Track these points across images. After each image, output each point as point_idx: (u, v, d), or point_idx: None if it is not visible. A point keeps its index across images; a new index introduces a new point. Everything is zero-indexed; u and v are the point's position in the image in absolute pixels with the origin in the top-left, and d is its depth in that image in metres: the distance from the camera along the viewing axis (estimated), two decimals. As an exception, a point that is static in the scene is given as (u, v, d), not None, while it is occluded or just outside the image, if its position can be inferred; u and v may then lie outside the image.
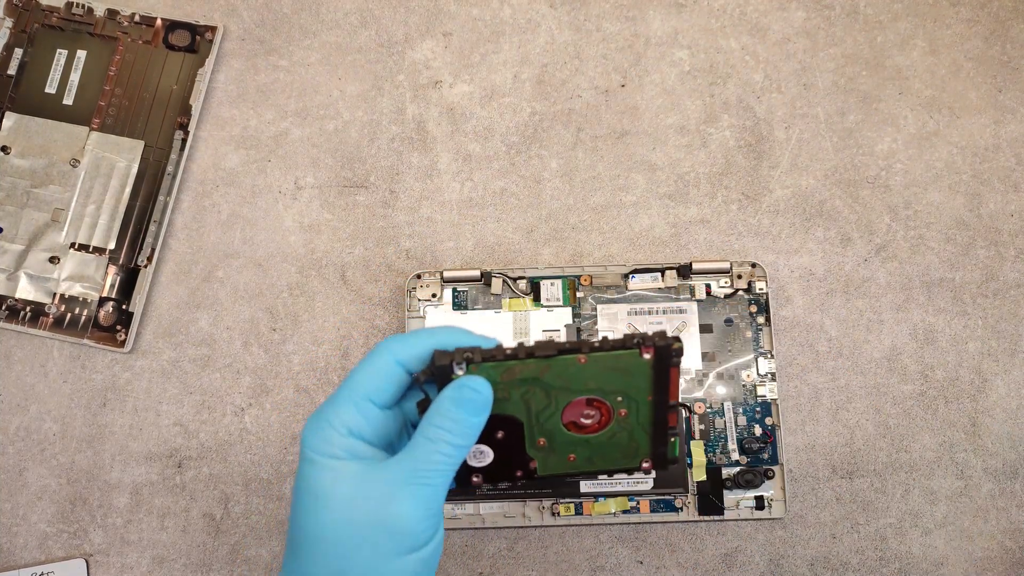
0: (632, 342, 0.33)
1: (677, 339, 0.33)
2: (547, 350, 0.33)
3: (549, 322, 0.51)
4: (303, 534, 0.31)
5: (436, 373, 0.32)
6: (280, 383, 0.53)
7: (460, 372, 0.32)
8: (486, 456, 0.34)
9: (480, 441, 0.34)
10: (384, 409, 0.33)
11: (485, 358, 0.32)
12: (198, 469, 0.52)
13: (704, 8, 0.56)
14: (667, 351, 0.33)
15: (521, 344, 0.33)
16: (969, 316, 0.53)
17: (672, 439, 0.35)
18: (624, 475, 0.36)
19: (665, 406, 0.34)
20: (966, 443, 0.52)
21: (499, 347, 0.33)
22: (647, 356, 0.33)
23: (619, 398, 0.34)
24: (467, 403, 0.31)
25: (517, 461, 0.35)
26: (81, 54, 0.55)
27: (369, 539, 0.30)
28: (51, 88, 0.55)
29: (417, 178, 0.55)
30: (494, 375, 0.33)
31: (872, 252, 0.54)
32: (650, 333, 0.33)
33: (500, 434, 0.34)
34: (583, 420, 0.34)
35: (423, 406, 0.33)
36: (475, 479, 0.35)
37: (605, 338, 0.33)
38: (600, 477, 0.50)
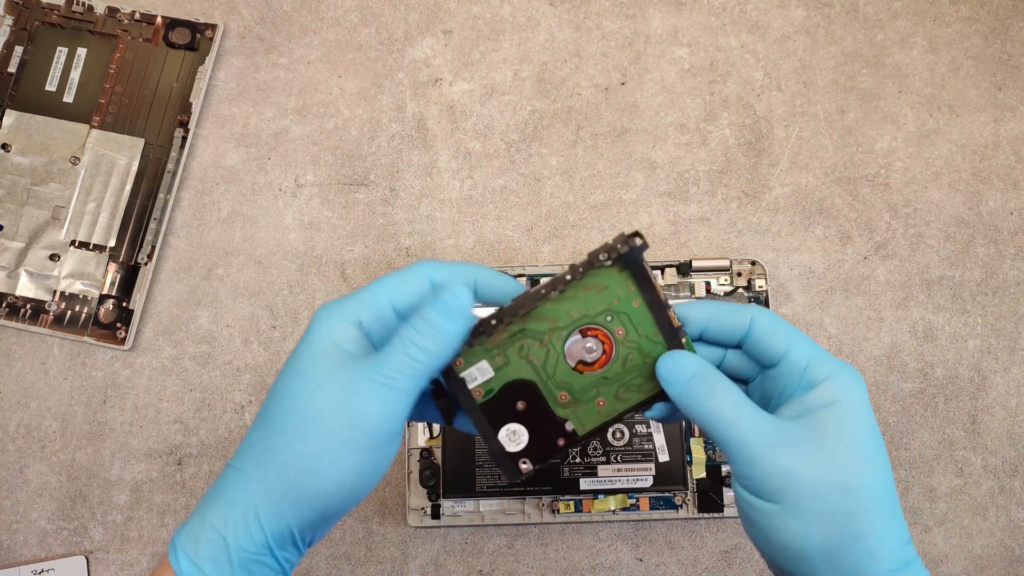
0: (598, 259, 0.32)
1: (637, 234, 0.32)
2: (526, 307, 0.33)
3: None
4: (273, 405, 0.31)
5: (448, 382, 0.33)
6: (280, 380, 0.53)
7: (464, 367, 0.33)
8: (521, 436, 0.34)
9: (506, 420, 0.34)
10: (399, 319, 0.32)
11: (471, 344, 0.33)
12: (198, 466, 0.52)
13: (704, 6, 0.56)
14: (633, 254, 0.32)
15: (501, 309, 0.33)
16: (969, 314, 0.53)
17: (684, 337, 0.34)
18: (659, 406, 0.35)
19: (659, 304, 0.33)
20: (965, 441, 0.52)
21: (481, 321, 0.33)
22: (607, 262, 0.33)
23: (608, 317, 0.33)
24: (442, 305, 0.31)
25: (552, 429, 0.34)
26: (81, 52, 0.55)
27: (329, 425, 0.30)
28: (51, 86, 0.55)
29: (417, 176, 0.55)
30: (486, 345, 0.33)
31: (872, 250, 0.54)
32: (610, 241, 0.32)
33: (521, 404, 0.34)
34: (588, 356, 0.34)
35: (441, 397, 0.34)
36: (523, 466, 0.34)
37: (573, 266, 0.33)
38: (601, 474, 0.50)
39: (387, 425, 0.31)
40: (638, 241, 0.32)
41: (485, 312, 0.34)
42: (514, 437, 0.34)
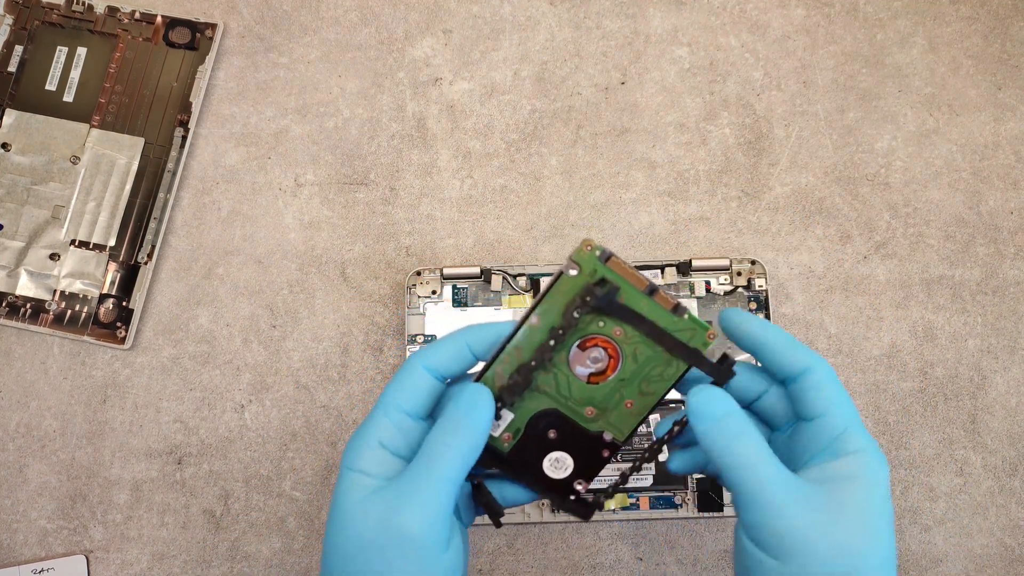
0: (573, 318, 0.32)
1: (603, 280, 0.31)
2: (526, 379, 0.32)
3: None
4: (325, 546, 0.32)
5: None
6: (280, 380, 0.53)
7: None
8: (564, 460, 0.34)
9: (546, 451, 0.33)
10: (418, 420, 0.33)
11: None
12: (198, 466, 0.52)
13: (704, 5, 0.56)
14: (602, 302, 0.31)
15: (494, 358, 0.33)
16: (968, 313, 0.53)
17: (685, 315, 0.32)
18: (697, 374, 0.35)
19: (649, 289, 0.32)
20: (965, 440, 0.52)
21: (485, 366, 0.33)
22: (573, 272, 0.32)
23: (600, 323, 0.32)
24: (464, 404, 0.32)
25: (592, 445, 0.34)
26: (81, 51, 0.55)
27: (379, 549, 0.30)
28: (51, 85, 0.55)
29: (417, 175, 0.55)
30: (491, 389, 0.33)
31: (872, 249, 0.54)
32: (570, 267, 0.32)
33: (553, 433, 0.33)
34: (596, 366, 0.33)
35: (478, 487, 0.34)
36: (578, 486, 0.34)
37: (554, 329, 0.32)
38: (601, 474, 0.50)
39: (437, 528, 0.31)
40: (586, 248, 0.31)
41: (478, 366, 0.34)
42: (558, 464, 0.34)
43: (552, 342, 0.32)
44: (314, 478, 0.52)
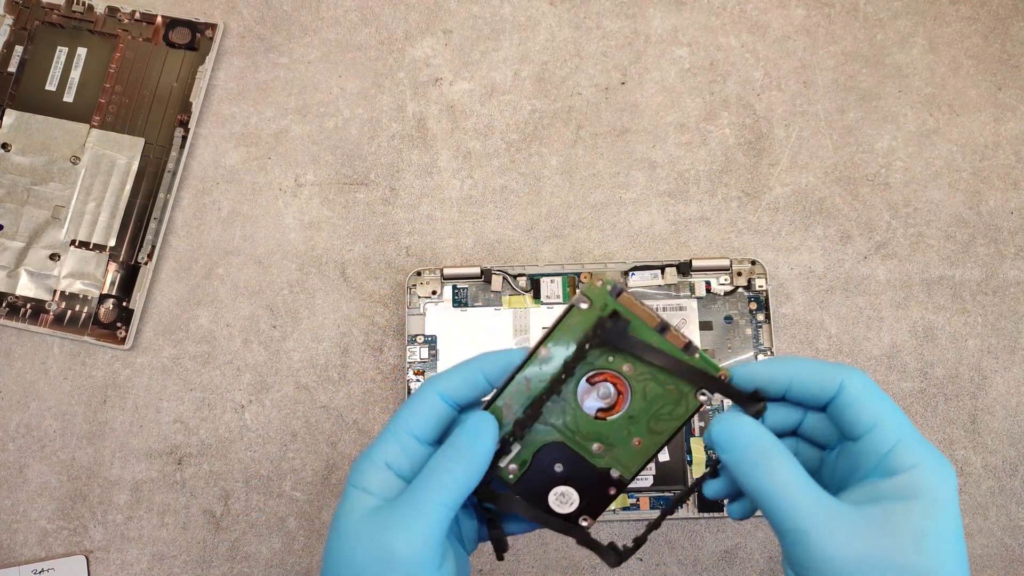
0: (584, 351, 0.31)
1: (616, 313, 0.31)
2: (537, 410, 0.32)
3: (549, 319, 0.51)
4: (323, 559, 0.32)
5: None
6: (280, 380, 0.53)
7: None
8: (570, 495, 0.33)
9: (550, 486, 0.33)
10: (426, 444, 0.33)
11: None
12: (198, 466, 0.52)
13: (704, 5, 0.56)
14: (611, 336, 0.31)
15: (503, 387, 0.33)
16: (969, 313, 0.53)
17: (696, 354, 0.31)
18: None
19: (660, 327, 0.31)
20: (966, 440, 0.52)
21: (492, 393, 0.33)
22: (584, 306, 0.31)
23: (610, 358, 0.32)
24: (467, 432, 0.32)
25: (599, 481, 0.33)
26: (81, 51, 0.55)
27: (369, 568, 0.30)
28: (51, 85, 0.55)
29: (417, 175, 0.55)
30: (499, 418, 0.33)
31: (872, 250, 0.54)
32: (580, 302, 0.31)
33: (559, 466, 0.33)
34: (604, 402, 0.32)
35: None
36: (583, 522, 0.34)
37: (567, 363, 0.32)
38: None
39: (427, 552, 0.30)
40: (598, 282, 0.31)
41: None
42: (564, 499, 0.33)
43: (563, 375, 0.32)
44: (314, 478, 0.52)
